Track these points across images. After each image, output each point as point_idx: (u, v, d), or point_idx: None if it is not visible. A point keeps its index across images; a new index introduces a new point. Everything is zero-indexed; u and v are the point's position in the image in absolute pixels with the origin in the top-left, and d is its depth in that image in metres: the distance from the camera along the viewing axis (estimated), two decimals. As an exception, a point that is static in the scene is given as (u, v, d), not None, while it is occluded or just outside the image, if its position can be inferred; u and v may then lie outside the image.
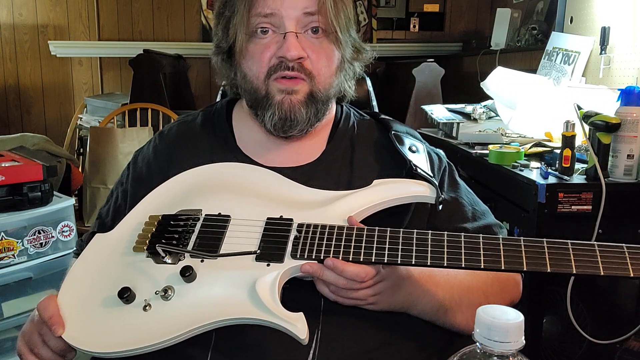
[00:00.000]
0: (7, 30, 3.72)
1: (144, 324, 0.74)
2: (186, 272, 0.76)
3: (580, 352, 1.75)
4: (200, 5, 3.86)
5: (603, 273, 0.70)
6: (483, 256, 0.74)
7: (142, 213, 0.89)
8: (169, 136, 1.03)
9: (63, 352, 0.79)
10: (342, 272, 0.75)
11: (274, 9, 0.86)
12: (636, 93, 1.41)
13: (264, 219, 0.83)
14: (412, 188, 0.87)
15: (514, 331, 0.53)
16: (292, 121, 0.89)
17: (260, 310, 0.72)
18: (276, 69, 0.88)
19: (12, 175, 1.85)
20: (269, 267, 0.77)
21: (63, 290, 0.82)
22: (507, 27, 3.03)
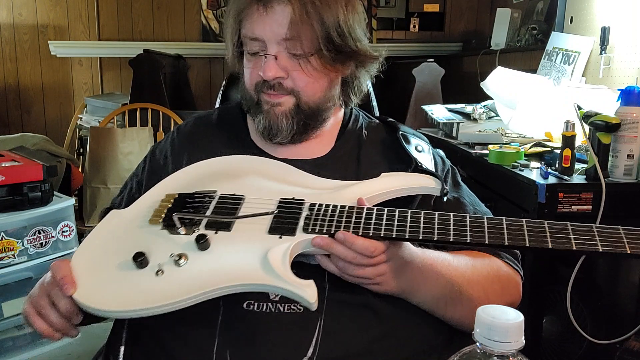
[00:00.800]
0: (7, 30, 3.72)
1: (156, 286, 0.76)
2: (200, 239, 0.78)
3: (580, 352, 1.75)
4: (200, 5, 3.86)
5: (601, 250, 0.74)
6: (487, 233, 0.77)
7: (158, 193, 0.92)
8: (186, 130, 1.09)
9: (70, 315, 0.79)
10: (352, 244, 0.77)
11: (258, 34, 0.92)
12: (636, 93, 1.41)
13: (277, 199, 0.86)
14: (418, 179, 0.92)
15: (514, 331, 0.53)
16: (277, 129, 0.95)
17: (271, 276, 0.74)
18: (262, 86, 0.95)
19: (12, 175, 1.85)
20: (281, 239, 0.79)
21: (77, 254, 0.83)
22: (507, 27, 3.03)
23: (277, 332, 0.80)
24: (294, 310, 0.81)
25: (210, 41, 3.87)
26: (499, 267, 0.94)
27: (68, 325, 0.81)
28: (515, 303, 0.96)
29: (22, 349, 1.95)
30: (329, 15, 0.91)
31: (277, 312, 0.81)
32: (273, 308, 0.81)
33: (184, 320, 0.81)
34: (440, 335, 0.89)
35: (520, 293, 0.98)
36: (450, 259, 0.89)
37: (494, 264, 0.94)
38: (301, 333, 0.80)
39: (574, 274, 1.38)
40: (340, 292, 0.83)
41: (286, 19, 0.89)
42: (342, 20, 0.92)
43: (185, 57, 3.83)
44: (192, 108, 3.73)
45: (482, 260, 0.93)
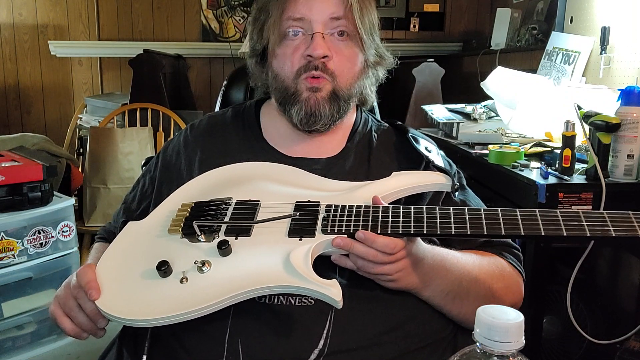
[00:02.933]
0: (7, 30, 3.72)
1: (181, 294, 0.76)
2: (222, 245, 0.79)
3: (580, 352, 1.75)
4: (200, 6, 3.86)
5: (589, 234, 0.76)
6: (503, 224, 0.79)
7: (174, 202, 0.93)
8: (200, 128, 1.09)
9: (96, 317, 0.81)
10: (373, 243, 0.78)
11: (304, 13, 0.94)
12: (636, 93, 1.41)
13: (293, 202, 0.87)
14: (429, 177, 0.94)
15: (514, 331, 0.53)
16: (317, 116, 0.96)
17: (295, 278, 0.75)
18: (305, 69, 0.95)
19: (12, 175, 1.85)
20: (301, 241, 0.81)
21: (101, 263, 0.84)
22: (507, 27, 3.02)
23: (289, 324, 0.81)
24: (305, 303, 0.82)
25: (210, 41, 3.87)
26: (503, 267, 0.96)
27: (94, 326, 0.82)
28: (517, 303, 0.98)
29: (22, 349, 1.95)
30: (371, 7, 0.99)
31: (288, 304, 0.82)
32: (285, 301, 0.83)
33: None
34: (447, 328, 0.91)
35: (522, 294, 1.00)
36: (459, 256, 0.90)
37: (499, 263, 0.96)
38: (312, 325, 0.81)
39: (574, 274, 1.38)
40: (352, 285, 0.84)
41: (338, 0, 0.94)
42: (375, 16, 1.01)
43: (185, 57, 3.83)
44: (192, 108, 3.73)
45: (488, 259, 0.95)
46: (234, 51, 3.73)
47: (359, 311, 0.83)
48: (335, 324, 0.81)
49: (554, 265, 1.84)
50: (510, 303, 0.95)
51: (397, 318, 0.85)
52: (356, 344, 0.81)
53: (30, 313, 1.97)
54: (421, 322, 0.87)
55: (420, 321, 0.87)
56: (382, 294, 0.85)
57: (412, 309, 0.87)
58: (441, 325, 0.90)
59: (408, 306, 0.87)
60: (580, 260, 1.37)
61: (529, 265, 1.41)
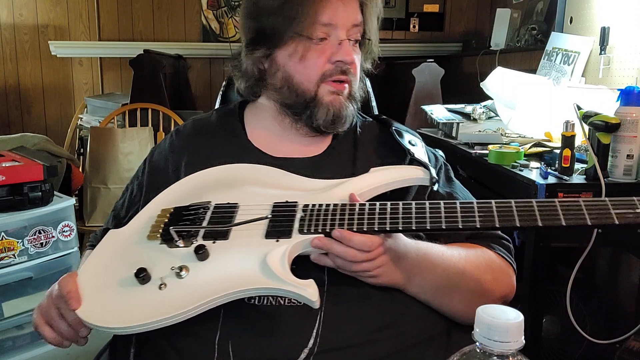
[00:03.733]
0: (7, 30, 3.72)
1: (159, 300, 0.77)
2: (199, 249, 0.79)
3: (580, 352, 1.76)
4: (200, 6, 3.86)
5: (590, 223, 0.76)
6: (478, 216, 0.78)
7: (153, 209, 0.93)
8: (185, 132, 1.09)
9: (78, 326, 0.82)
10: (349, 241, 0.78)
11: (331, 19, 0.94)
12: (636, 93, 1.41)
13: (271, 204, 0.87)
14: (406, 171, 0.93)
15: (514, 331, 0.53)
16: (342, 117, 0.98)
17: (271, 279, 0.75)
18: (331, 73, 0.96)
19: (13, 175, 1.85)
20: (278, 242, 0.81)
21: (81, 273, 0.85)
22: (507, 27, 3.03)
23: (278, 324, 0.81)
24: (294, 303, 0.82)
25: (210, 41, 3.87)
26: (491, 258, 0.95)
27: (76, 335, 0.83)
28: (508, 295, 0.97)
29: (22, 349, 1.95)
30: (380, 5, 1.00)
31: (277, 304, 0.82)
32: (274, 301, 0.83)
33: None
34: (439, 324, 0.90)
35: (514, 285, 0.98)
36: (444, 250, 0.90)
37: (486, 255, 0.96)
38: (302, 325, 0.81)
39: (574, 274, 1.38)
40: (340, 284, 0.84)
41: (357, 5, 0.97)
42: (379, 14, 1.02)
43: (185, 57, 3.83)
44: (192, 108, 3.73)
45: (474, 251, 0.94)
46: (234, 51, 3.72)
47: (349, 309, 0.83)
48: (325, 323, 0.81)
49: (554, 265, 1.84)
50: (501, 295, 0.95)
51: (388, 315, 0.85)
52: (346, 342, 0.81)
53: (30, 313, 1.95)
54: (413, 318, 0.87)
55: (411, 318, 0.87)
56: (372, 292, 0.85)
57: (403, 306, 0.87)
58: (433, 321, 0.90)
59: (399, 303, 0.86)
60: (580, 260, 1.37)
61: (528, 265, 1.41)
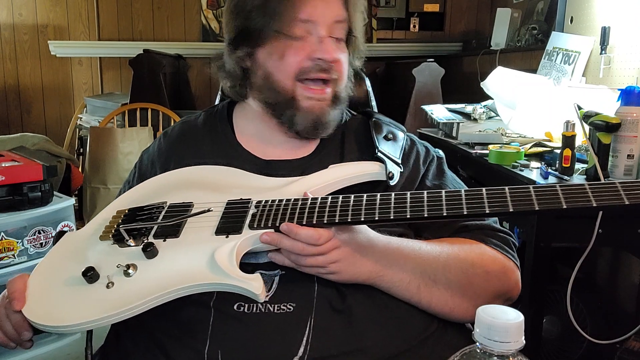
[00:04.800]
0: (7, 30, 3.72)
1: (105, 298, 0.76)
2: (147, 247, 0.79)
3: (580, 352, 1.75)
4: (200, 5, 3.86)
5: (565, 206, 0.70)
6: (427, 205, 0.76)
7: (110, 211, 0.93)
8: (172, 135, 1.08)
9: (20, 328, 0.81)
10: (296, 235, 0.77)
11: (310, 15, 0.92)
12: (636, 93, 1.41)
13: (225, 202, 0.87)
14: (362, 167, 0.93)
15: (514, 331, 0.53)
16: (324, 124, 0.96)
17: (217, 275, 0.75)
18: (308, 71, 0.93)
19: (12, 175, 1.85)
20: (227, 238, 0.80)
21: (32, 275, 0.84)
22: (507, 27, 3.03)
23: (268, 332, 0.80)
24: (284, 310, 0.81)
25: (210, 41, 3.87)
26: (481, 252, 0.91)
27: (19, 337, 0.83)
28: (509, 292, 0.93)
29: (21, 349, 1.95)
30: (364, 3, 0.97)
31: (267, 312, 0.81)
32: (263, 308, 0.82)
33: (178, 323, 0.82)
34: (430, 327, 0.88)
35: (516, 281, 0.94)
36: (422, 245, 0.87)
37: (476, 248, 0.91)
38: (292, 332, 0.80)
39: (574, 274, 1.38)
40: (330, 292, 0.83)
41: (339, 0, 0.93)
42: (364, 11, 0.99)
43: (185, 57, 3.83)
44: (192, 108, 3.73)
45: (460, 245, 0.91)
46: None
47: (339, 317, 0.82)
48: (315, 330, 0.80)
49: (554, 265, 1.84)
50: (497, 291, 0.91)
51: (378, 321, 0.83)
52: (337, 349, 0.79)
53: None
54: (404, 322, 0.85)
55: (402, 322, 0.85)
56: (361, 299, 0.83)
57: (393, 310, 0.85)
58: (425, 323, 0.87)
59: (388, 308, 0.85)
60: (580, 260, 1.36)
61: (529, 265, 1.41)
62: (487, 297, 0.89)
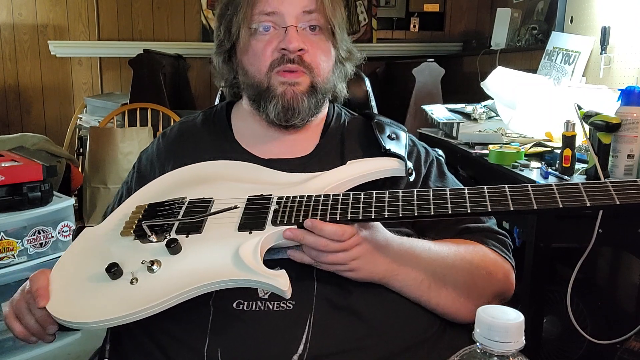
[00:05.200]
0: (6, 30, 3.72)
1: (130, 294, 0.76)
2: (171, 243, 0.79)
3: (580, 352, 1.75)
4: (200, 5, 3.86)
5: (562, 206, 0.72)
6: (450, 204, 0.77)
7: (129, 207, 0.93)
8: (171, 135, 1.08)
9: (45, 323, 0.81)
10: (320, 231, 0.77)
11: (275, 7, 0.92)
12: (636, 93, 1.41)
13: (245, 197, 0.87)
14: (381, 163, 0.93)
15: (514, 331, 0.53)
16: (295, 110, 0.95)
17: (242, 271, 0.75)
18: (278, 63, 0.93)
19: (12, 175, 1.85)
20: (251, 234, 0.80)
21: (54, 270, 0.84)
22: (507, 27, 3.03)
23: (268, 330, 0.80)
24: (283, 307, 0.81)
25: (210, 41, 3.83)
26: (484, 254, 0.93)
27: (43, 332, 0.83)
28: (505, 292, 0.95)
29: (22, 349, 1.95)
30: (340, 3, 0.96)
31: (266, 309, 0.81)
32: (263, 306, 0.82)
33: (177, 322, 0.82)
34: (431, 328, 0.88)
35: (512, 282, 0.96)
36: (431, 245, 0.89)
37: (479, 250, 0.93)
38: (291, 330, 0.80)
39: (574, 274, 1.38)
40: (330, 289, 0.83)
41: None
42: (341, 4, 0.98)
43: (185, 57, 3.83)
44: (191, 108, 3.73)
45: (465, 246, 0.93)
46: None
47: (339, 315, 0.82)
48: (315, 328, 0.80)
49: (554, 265, 1.84)
50: (496, 292, 0.93)
51: (378, 320, 0.83)
52: (337, 348, 0.80)
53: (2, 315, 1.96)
54: (404, 322, 0.85)
55: (403, 321, 0.85)
56: (362, 297, 0.83)
57: (394, 310, 0.85)
58: (426, 323, 0.88)
59: (390, 307, 0.85)
60: (581, 260, 1.36)
61: (529, 265, 1.41)
62: (488, 297, 0.91)
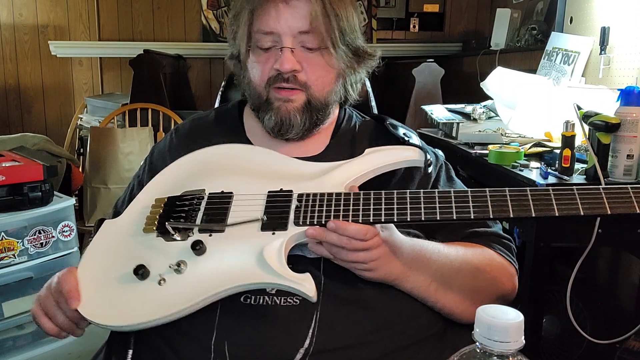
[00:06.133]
0: (7, 31, 3.72)
1: (159, 297, 0.78)
2: (196, 245, 0.80)
3: (580, 352, 1.75)
4: (200, 6, 3.86)
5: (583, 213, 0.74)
6: (472, 207, 0.78)
7: (147, 198, 0.93)
8: (183, 131, 1.10)
9: (76, 320, 0.84)
10: (344, 230, 0.79)
11: (273, 27, 0.94)
12: (636, 93, 1.41)
13: (265, 193, 0.87)
14: (402, 153, 0.94)
15: (514, 331, 0.53)
16: (288, 125, 0.97)
17: (269, 274, 0.76)
18: (275, 80, 0.95)
19: (13, 175, 1.85)
20: (274, 235, 0.81)
21: (80, 269, 0.86)
22: (507, 27, 3.03)
23: (274, 325, 0.81)
24: (290, 302, 0.82)
25: (210, 41, 3.87)
26: (491, 257, 0.95)
27: (74, 326, 0.85)
28: (509, 295, 0.97)
29: (22, 349, 1.95)
30: (342, 11, 0.95)
31: (273, 304, 0.83)
32: (270, 301, 0.83)
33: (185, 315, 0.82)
34: (435, 326, 0.90)
35: (515, 285, 0.98)
36: (440, 247, 0.90)
37: (486, 253, 0.95)
38: (298, 325, 0.81)
39: (574, 274, 1.38)
40: (336, 284, 0.84)
41: (305, 12, 0.93)
42: (351, 16, 0.97)
43: (185, 57, 3.83)
44: (192, 108, 3.73)
45: (473, 250, 0.94)
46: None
47: (345, 310, 0.83)
48: (321, 323, 0.81)
49: (554, 265, 1.84)
50: (501, 294, 0.95)
51: (383, 316, 0.85)
52: (342, 342, 0.81)
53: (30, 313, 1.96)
54: (408, 319, 0.87)
55: (407, 319, 0.86)
56: (368, 292, 0.85)
57: (399, 306, 0.86)
58: (430, 321, 0.89)
59: (395, 303, 0.86)
60: (580, 260, 1.36)
61: (528, 265, 1.41)
62: (492, 300, 0.92)
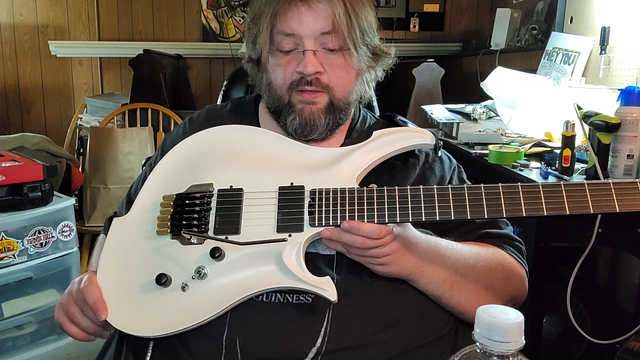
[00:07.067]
0: (7, 30, 3.72)
1: (186, 305, 0.80)
2: (216, 253, 0.81)
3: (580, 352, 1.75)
4: (200, 6, 3.86)
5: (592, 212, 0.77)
6: (486, 206, 0.79)
7: (153, 191, 0.93)
8: (198, 120, 1.10)
9: (103, 325, 0.85)
10: (358, 231, 0.79)
11: (294, 29, 0.93)
12: (636, 93, 1.41)
13: (276, 189, 0.87)
14: (410, 133, 0.94)
15: (514, 331, 0.53)
16: (312, 127, 0.97)
17: (290, 278, 0.79)
18: (297, 83, 0.95)
19: (13, 175, 1.85)
20: (291, 237, 0.82)
21: (100, 275, 0.87)
22: (507, 27, 3.02)
23: (286, 322, 0.81)
24: (302, 300, 0.83)
25: (210, 41, 3.87)
26: (503, 257, 0.96)
27: (102, 330, 0.87)
28: (519, 296, 0.98)
29: (22, 349, 1.95)
30: (362, 11, 0.95)
31: (286, 302, 0.83)
32: (282, 299, 0.83)
33: None
34: (446, 326, 0.90)
35: (526, 287, 0.99)
36: (454, 245, 0.91)
37: (498, 253, 0.96)
38: (310, 323, 0.81)
39: (574, 273, 1.38)
40: (349, 283, 0.84)
41: (327, 14, 0.92)
42: (370, 16, 0.98)
43: (185, 57, 3.83)
44: (192, 108, 3.72)
45: (486, 249, 0.95)
46: (234, 51, 3.73)
47: (357, 309, 0.83)
48: (333, 322, 0.81)
49: (554, 265, 1.84)
50: (511, 294, 0.95)
51: (395, 315, 0.85)
52: (354, 342, 0.81)
53: (30, 313, 1.97)
54: (420, 319, 0.87)
55: (419, 318, 0.87)
56: (380, 291, 0.85)
57: (411, 306, 0.87)
58: (441, 322, 0.90)
59: (407, 303, 0.86)
60: (580, 260, 1.36)
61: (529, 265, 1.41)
62: (504, 299, 0.93)
